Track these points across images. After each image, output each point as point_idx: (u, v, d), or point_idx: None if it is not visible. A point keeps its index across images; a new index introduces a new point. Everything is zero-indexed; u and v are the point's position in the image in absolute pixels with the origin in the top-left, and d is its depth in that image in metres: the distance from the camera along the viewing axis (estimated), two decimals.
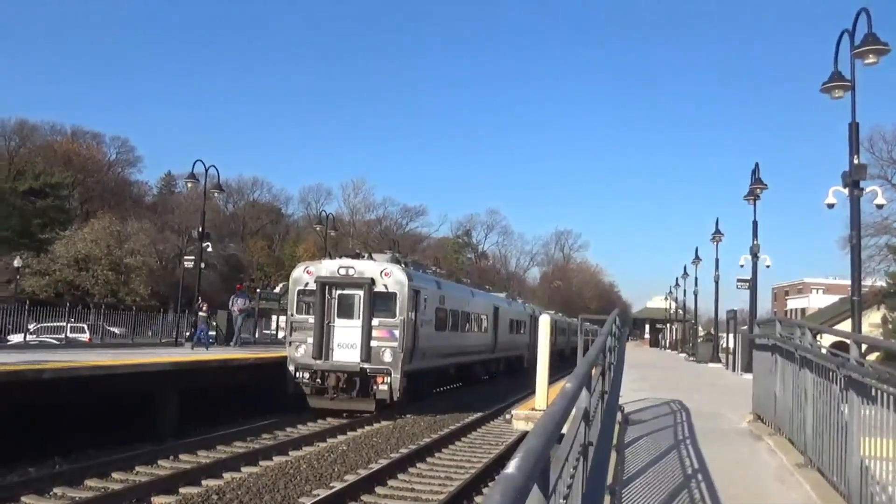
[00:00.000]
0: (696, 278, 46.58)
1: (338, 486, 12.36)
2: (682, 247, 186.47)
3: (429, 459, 15.36)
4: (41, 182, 67.04)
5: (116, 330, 31.88)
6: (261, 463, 14.16)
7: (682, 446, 9.71)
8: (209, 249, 31.96)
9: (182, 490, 11.80)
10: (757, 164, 26.05)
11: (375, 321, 20.29)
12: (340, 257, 22.74)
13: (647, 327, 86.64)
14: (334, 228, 47.55)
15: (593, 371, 5.74)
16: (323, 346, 20.40)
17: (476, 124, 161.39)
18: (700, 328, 53.97)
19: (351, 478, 12.99)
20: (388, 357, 20.08)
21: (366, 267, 20.99)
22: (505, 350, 35.61)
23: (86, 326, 31.25)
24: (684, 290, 52.37)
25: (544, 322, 14.17)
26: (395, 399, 20.12)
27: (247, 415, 18.80)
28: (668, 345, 62.81)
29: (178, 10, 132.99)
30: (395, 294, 20.42)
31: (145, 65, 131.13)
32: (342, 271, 20.87)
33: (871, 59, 13.49)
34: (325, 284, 20.67)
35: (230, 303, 27.04)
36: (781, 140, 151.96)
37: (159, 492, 11.58)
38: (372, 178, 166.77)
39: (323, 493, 11.90)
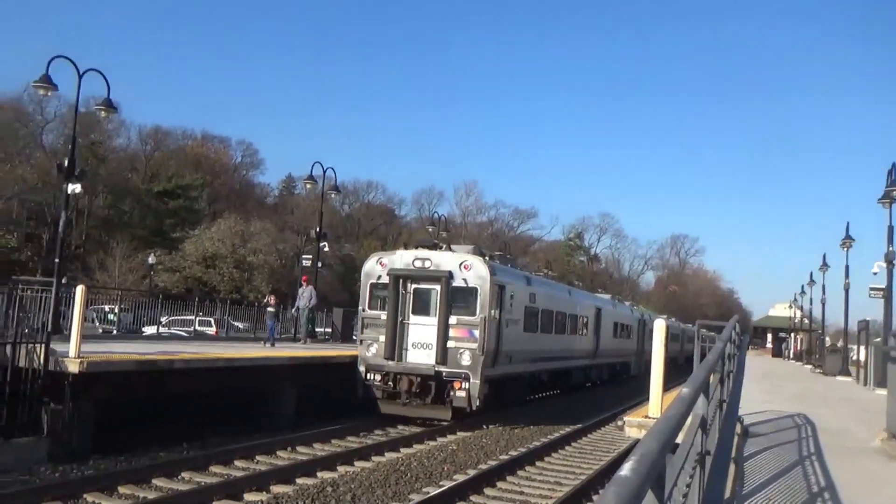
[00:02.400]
0: (823, 286, 44.21)
1: (447, 484, 12.48)
2: (807, 252, 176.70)
3: (538, 463, 15.24)
4: (173, 184, 71.40)
5: (240, 325, 33.38)
6: (373, 458, 14.51)
7: (807, 462, 9.20)
8: (326, 249, 32.85)
9: (299, 480, 12.27)
10: (894, 164, 24.33)
11: (453, 319, 18.40)
12: (417, 248, 20.15)
13: (770, 336, 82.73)
14: (446, 230, 47.97)
15: (711, 378, 5.54)
16: (396, 345, 18.61)
17: (589, 128, 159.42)
18: (828, 339, 51.05)
19: (460, 477, 13.09)
20: (466, 360, 18.17)
21: (444, 259, 18.95)
22: (608, 356, 33.16)
23: (212, 320, 32.87)
24: (810, 299, 49.86)
25: (660, 327, 13.74)
26: (475, 407, 18.29)
27: (356, 410, 19.06)
28: (791, 355, 59.69)
29: (298, 24, 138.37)
30: (475, 289, 18.42)
31: (269, 74, 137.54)
32: (418, 263, 18.97)
33: None
34: (398, 278, 18.84)
35: (297, 297, 24.99)
36: None
37: (278, 481, 12.04)
38: (484, 180, 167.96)
39: (433, 490, 12.05)
